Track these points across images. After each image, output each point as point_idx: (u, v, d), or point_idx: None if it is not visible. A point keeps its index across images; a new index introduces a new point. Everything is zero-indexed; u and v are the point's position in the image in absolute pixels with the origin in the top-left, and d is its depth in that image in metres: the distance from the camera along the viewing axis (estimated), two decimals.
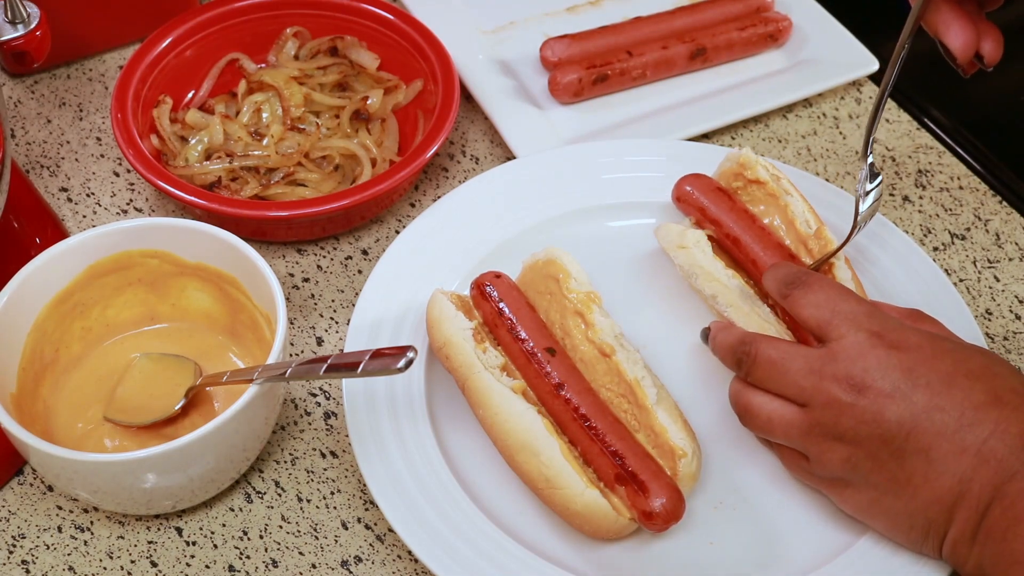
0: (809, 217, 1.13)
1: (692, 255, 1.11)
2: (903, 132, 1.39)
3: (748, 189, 1.17)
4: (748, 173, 1.16)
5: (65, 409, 1.08)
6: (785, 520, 1.05)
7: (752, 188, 1.17)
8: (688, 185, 1.18)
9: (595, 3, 1.51)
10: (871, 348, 0.94)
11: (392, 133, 1.33)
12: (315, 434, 1.13)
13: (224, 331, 1.13)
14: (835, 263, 1.10)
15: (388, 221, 1.30)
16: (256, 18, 1.38)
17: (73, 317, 1.10)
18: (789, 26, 1.44)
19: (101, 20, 1.42)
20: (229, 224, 1.13)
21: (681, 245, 1.12)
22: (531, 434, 1.00)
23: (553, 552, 1.02)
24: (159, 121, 1.31)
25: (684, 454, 1.01)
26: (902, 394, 0.92)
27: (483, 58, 1.41)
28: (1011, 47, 1.05)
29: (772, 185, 1.15)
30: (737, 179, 1.17)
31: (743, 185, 1.17)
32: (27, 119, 1.39)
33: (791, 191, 1.15)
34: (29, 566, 1.04)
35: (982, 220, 1.31)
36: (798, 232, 1.12)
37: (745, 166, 1.16)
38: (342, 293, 1.24)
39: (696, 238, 1.13)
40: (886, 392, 0.92)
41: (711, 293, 1.10)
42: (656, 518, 0.97)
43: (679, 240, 1.13)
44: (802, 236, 1.12)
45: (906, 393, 0.92)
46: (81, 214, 1.30)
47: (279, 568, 1.04)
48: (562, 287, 1.09)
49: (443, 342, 1.06)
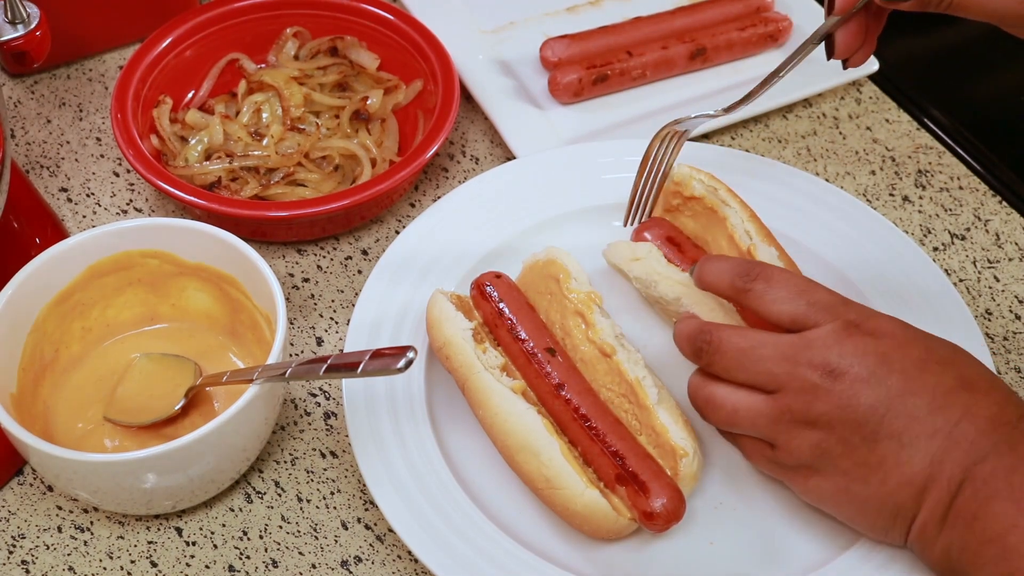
0: (749, 227, 1.11)
1: (648, 264, 1.11)
2: (903, 132, 1.39)
3: (688, 205, 1.16)
4: (684, 191, 1.15)
5: (65, 409, 1.08)
6: (785, 520, 1.05)
7: (692, 204, 1.15)
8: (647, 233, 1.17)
9: (595, 3, 1.51)
10: (848, 336, 0.94)
11: (392, 133, 1.33)
12: (315, 434, 1.13)
13: (224, 331, 1.13)
14: (757, 245, 1.09)
15: (388, 221, 1.30)
16: (256, 18, 1.38)
17: (73, 317, 1.10)
18: (789, 26, 1.44)
19: (101, 20, 1.42)
20: (229, 224, 1.13)
21: (635, 257, 1.12)
22: (531, 434, 1.00)
23: (553, 552, 1.02)
24: (159, 121, 1.31)
25: (685, 454, 1.01)
26: (877, 379, 0.92)
27: (483, 58, 1.41)
28: (1011, 47, 1.05)
29: (709, 199, 1.14)
30: (675, 197, 1.17)
31: (682, 203, 1.16)
32: (27, 119, 1.39)
33: (729, 201, 1.13)
34: (29, 566, 1.04)
35: (982, 220, 1.31)
36: (739, 247, 1.11)
37: (681, 184, 1.16)
38: (342, 293, 1.24)
39: (648, 248, 1.12)
40: (862, 377, 0.92)
41: (674, 296, 1.09)
42: (657, 518, 0.97)
43: (631, 253, 1.12)
44: (742, 251, 1.11)
45: (881, 378, 0.92)
46: (81, 214, 1.30)
47: (279, 568, 1.04)
48: (562, 287, 1.09)
49: (443, 342, 1.06)
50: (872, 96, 1.43)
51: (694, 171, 1.16)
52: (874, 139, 1.39)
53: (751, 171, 1.26)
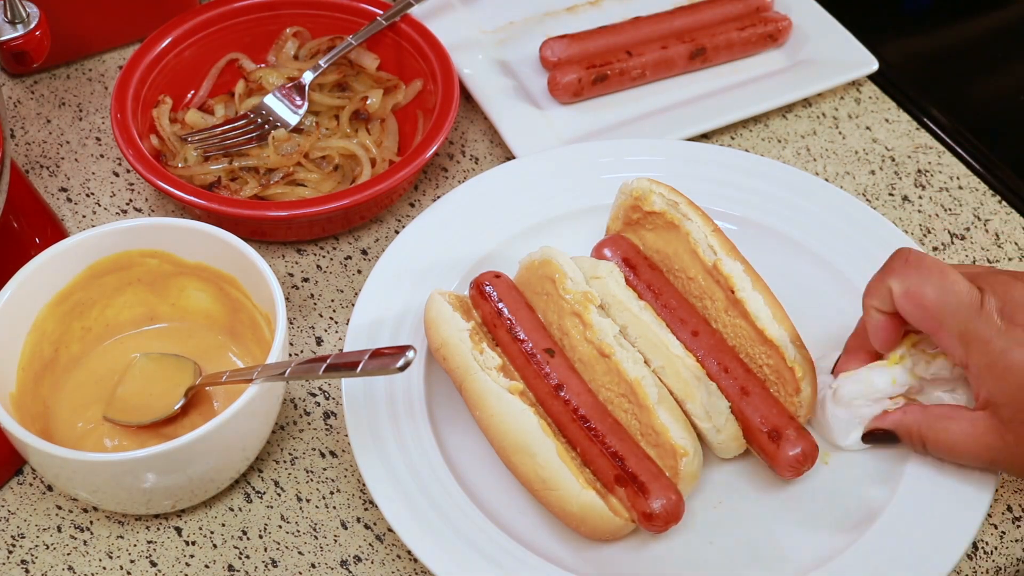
0: (713, 241, 1.11)
1: (606, 284, 1.10)
2: (903, 132, 1.39)
3: (649, 220, 1.15)
4: (644, 205, 1.15)
5: (65, 409, 1.08)
6: (785, 520, 1.05)
7: (652, 218, 1.15)
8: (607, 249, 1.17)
9: (595, 3, 1.51)
10: None
11: (392, 133, 1.33)
12: (315, 434, 1.13)
13: (224, 331, 1.13)
14: (741, 288, 1.08)
15: (388, 221, 1.30)
16: (256, 18, 1.38)
17: (73, 317, 1.10)
18: (789, 26, 1.44)
19: (101, 20, 1.42)
20: (229, 224, 1.13)
21: (595, 276, 1.11)
22: (527, 435, 1.00)
23: (553, 551, 1.02)
24: (159, 121, 1.31)
25: (686, 453, 1.01)
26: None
27: (483, 58, 1.41)
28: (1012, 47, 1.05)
29: (670, 214, 1.13)
30: (635, 212, 1.16)
31: (642, 217, 1.16)
32: (27, 119, 1.39)
33: (691, 215, 1.12)
34: (29, 566, 1.04)
35: (982, 220, 1.31)
36: (703, 263, 1.11)
37: (640, 199, 1.15)
38: (342, 293, 1.24)
39: (609, 268, 1.12)
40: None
41: (622, 323, 1.08)
42: (656, 519, 0.97)
43: (592, 271, 1.11)
44: (707, 267, 1.10)
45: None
46: (81, 214, 1.30)
47: (279, 568, 1.04)
48: (558, 287, 1.09)
49: (440, 343, 1.06)
50: (872, 96, 1.43)
51: (654, 184, 1.15)
52: (874, 139, 1.39)
53: (751, 171, 1.26)
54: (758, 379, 1.07)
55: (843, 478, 1.07)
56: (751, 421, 1.04)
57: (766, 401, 1.04)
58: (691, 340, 1.08)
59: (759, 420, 1.03)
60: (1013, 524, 1.08)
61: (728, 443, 1.05)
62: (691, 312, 1.10)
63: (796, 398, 1.05)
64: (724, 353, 1.07)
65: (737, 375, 1.06)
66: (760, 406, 1.04)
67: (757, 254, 1.14)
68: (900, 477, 1.05)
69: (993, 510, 1.09)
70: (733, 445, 1.05)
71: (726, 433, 1.04)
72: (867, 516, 1.04)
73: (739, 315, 1.08)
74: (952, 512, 1.01)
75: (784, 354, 1.05)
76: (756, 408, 1.04)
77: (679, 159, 1.26)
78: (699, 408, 1.03)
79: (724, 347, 1.08)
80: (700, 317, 1.10)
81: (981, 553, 1.06)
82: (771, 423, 1.03)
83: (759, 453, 1.05)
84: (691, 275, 1.12)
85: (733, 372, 1.06)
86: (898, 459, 1.06)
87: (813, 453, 1.02)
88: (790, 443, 1.02)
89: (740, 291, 1.08)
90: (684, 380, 1.04)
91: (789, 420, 1.03)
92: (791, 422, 1.03)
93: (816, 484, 1.07)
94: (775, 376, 1.07)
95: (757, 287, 1.09)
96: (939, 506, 1.02)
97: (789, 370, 1.05)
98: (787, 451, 1.02)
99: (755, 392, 1.05)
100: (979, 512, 1.01)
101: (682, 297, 1.12)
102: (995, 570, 1.06)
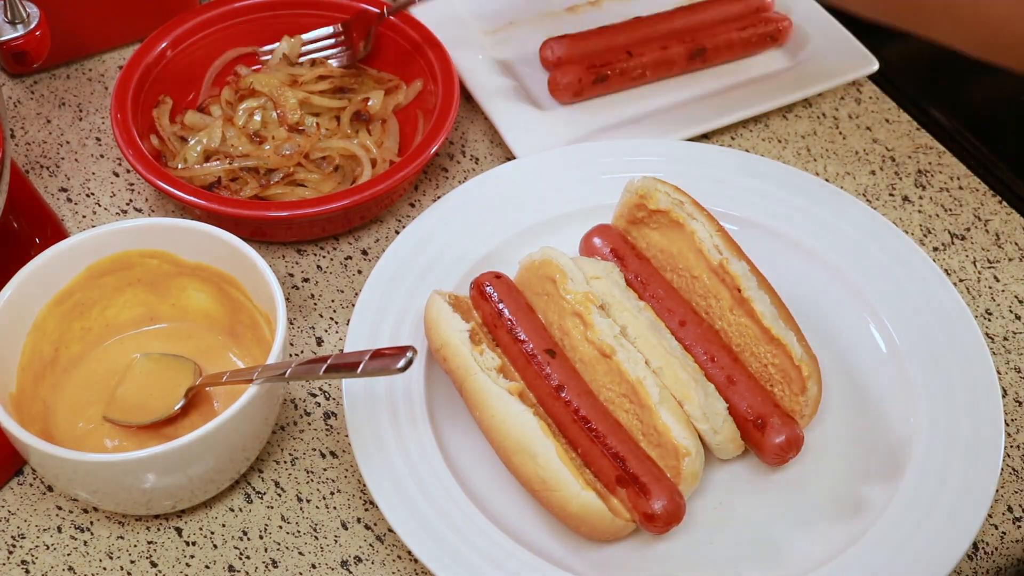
0: (718, 241, 1.11)
1: (606, 285, 1.10)
2: (903, 132, 1.39)
3: (654, 218, 1.15)
4: (649, 203, 1.14)
5: (65, 409, 1.08)
6: (785, 520, 1.05)
7: (657, 217, 1.15)
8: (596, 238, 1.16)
9: (595, 3, 1.51)
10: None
11: (392, 134, 1.33)
12: (315, 434, 1.13)
13: (224, 331, 1.13)
14: (747, 287, 1.07)
15: (388, 221, 1.30)
16: (256, 18, 1.38)
17: (73, 317, 1.10)
18: (789, 26, 1.44)
19: (101, 20, 1.42)
20: (229, 224, 1.13)
21: (595, 276, 1.11)
22: (527, 436, 1.00)
23: (553, 552, 1.02)
24: (159, 121, 1.31)
25: (688, 453, 1.01)
26: None
27: (483, 58, 1.41)
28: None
29: (675, 212, 1.13)
30: (640, 210, 1.16)
31: (647, 215, 1.15)
32: (27, 119, 1.39)
33: (696, 215, 1.12)
34: (29, 566, 1.04)
35: (982, 220, 1.31)
36: (708, 262, 1.11)
37: (645, 197, 1.15)
38: (342, 293, 1.24)
39: (609, 268, 1.12)
40: None
41: (622, 323, 1.08)
42: (657, 520, 0.97)
43: (593, 271, 1.11)
44: (712, 266, 1.10)
45: None
46: (81, 214, 1.30)
47: (279, 568, 1.04)
48: (559, 288, 1.09)
49: (440, 343, 1.06)
50: (872, 96, 1.43)
51: (659, 183, 1.15)
52: (874, 139, 1.39)
53: (751, 171, 1.26)
54: (744, 368, 1.07)
55: (843, 478, 1.07)
56: (737, 409, 1.05)
57: (752, 389, 1.05)
58: (678, 329, 1.08)
59: (745, 408, 1.04)
60: (1013, 524, 1.08)
61: (726, 444, 1.05)
62: (679, 302, 1.10)
63: (802, 397, 1.06)
64: (711, 342, 1.08)
65: (724, 364, 1.07)
66: (746, 394, 1.05)
67: (757, 254, 1.14)
68: (900, 477, 1.05)
69: (993, 510, 1.09)
70: (731, 446, 1.05)
71: (724, 434, 1.04)
72: (867, 516, 1.04)
73: (745, 314, 1.08)
74: (952, 512, 1.02)
75: (791, 353, 1.05)
76: (743, 396, 1.05)
77: (679, 159, 1.26)
78: (696, 410, 1.03)
79: (711, 336, 1.08)
80: (688, 307, 1.10)
81: (981, 553, 1.06)
82: (757, 411, 1.04)
83: (744, 440, 1.05)
84: (695, 274, 1.12)
85: (720, 361, 1.07)
86: (899, 459, 1.06)
87: (798, 441, 1.03)
88: (775, 431, 1.03)
89: (746, 290, 1.08)
90: (682, 381, 1.04)
91: (774, 408, 1.04)
92: (776, 410, 1.04)
93: (816, 484, 1.07)
94: (781, 375, 1.07)
95: (763, 287, 1.09)
96: (939, 506, 1.02)
97: (796, 369, 1.05)
98: (772, 438, 1.03)
99: (741, 380, 1.06)
100: (979, 512, 1.01)
101: (670, 287, 1.12)
102: (995, 570, 1.06)
